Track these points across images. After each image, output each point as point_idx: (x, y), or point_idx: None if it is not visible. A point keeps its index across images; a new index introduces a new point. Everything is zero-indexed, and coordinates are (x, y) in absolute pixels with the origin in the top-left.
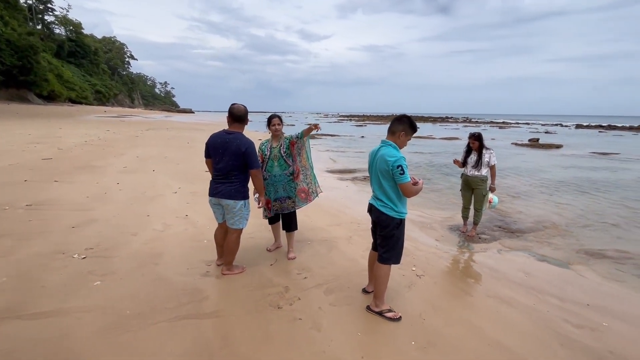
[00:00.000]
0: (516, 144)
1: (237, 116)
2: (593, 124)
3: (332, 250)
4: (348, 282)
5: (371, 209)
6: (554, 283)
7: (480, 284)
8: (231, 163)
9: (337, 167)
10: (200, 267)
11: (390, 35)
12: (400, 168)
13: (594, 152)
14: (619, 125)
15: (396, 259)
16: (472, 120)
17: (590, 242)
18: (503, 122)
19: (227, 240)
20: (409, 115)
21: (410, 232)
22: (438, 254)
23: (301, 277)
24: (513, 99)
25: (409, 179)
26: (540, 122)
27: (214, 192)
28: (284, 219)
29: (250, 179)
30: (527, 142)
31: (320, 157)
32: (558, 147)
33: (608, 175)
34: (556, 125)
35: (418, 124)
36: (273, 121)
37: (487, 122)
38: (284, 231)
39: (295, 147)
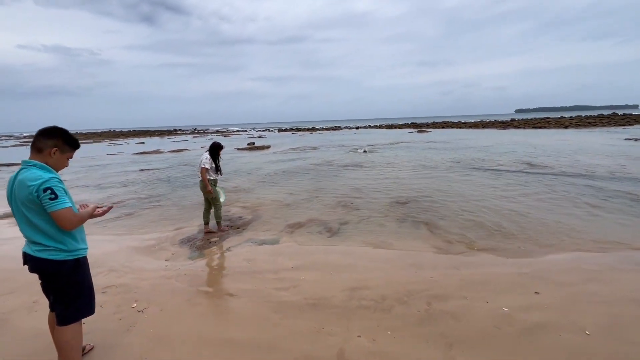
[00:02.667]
0: (238, 149)
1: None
2: (288, 128)
3: (3, 328)
4: None
5: (27, 259)
6: (269, 260)
7: (212, 288)
8: None
9: None
10: None
11: (87, 38)
12: (49, 191)
13: (291, 148)
14: (303, 127)
15: (85, 311)
16: (200, 131)
17: (292, 217)
18: (227, 131)
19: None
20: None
21: (131, 262)
22: (167, 275)
23: None
24: (232, 110)
25: (67, 204)
26: (255, 129)
27: None
28: None
29: None
30: (246, 146)
31: None
32: (268, 147)
33: (300, 163)
34: (265, 130)
35: (144, 139)
36: None
37: (214, 132)
38: None
39: None
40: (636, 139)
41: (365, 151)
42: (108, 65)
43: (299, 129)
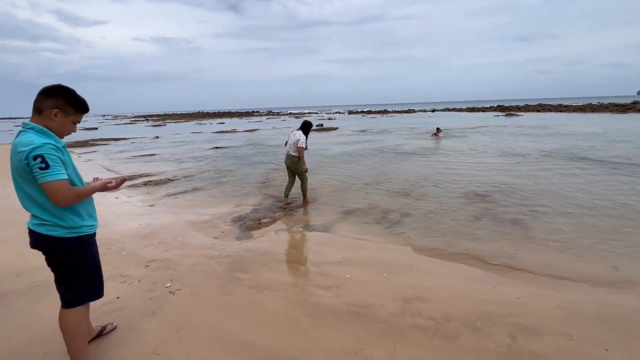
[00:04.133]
0: None
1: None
2: (358, 110)
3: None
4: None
5: (29, 234)
6: (315, 251)
7: (247, 274)
8: None
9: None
10: None
11: (183, 28)
12: (39, 159)
13: (359, 130)
14: (374, 110)
15: (89, 295)
16: (274, 112)
17: (350, 202)
18: (299, 113)
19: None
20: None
21: (183, 236)
22: (210, 254)
23: None
24: (306, 93)
25: (61, 175)
26: (325, 112)
27: None
28: None
29: None
30: (315, 128)
31: (91, 169)
32: (335, 129)
33: (366, 146)
34: (335, 112)
35: (225, 120)
36: None
37: (287, 114)
38: None
39: None
40: None
41: (437, 135)
42: (199, 53)
43: (370, 112)
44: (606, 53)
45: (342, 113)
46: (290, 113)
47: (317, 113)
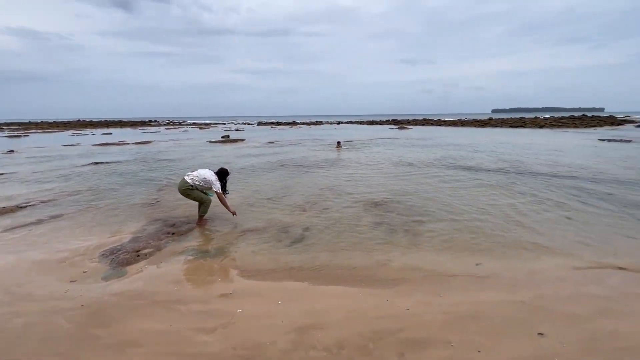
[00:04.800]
0: (210, 142)
1: None
2: (268, 122)
3: None
4: None
5: None
6: (203, 282)
7: (107, 328)
8: None
9: None
10: None
11: (57, 21)
12: None
13: (267, 142)
14: (283, 121)
15: None
16: (175, 122)
17: (250, 220)
18: (203, 123)
19: None
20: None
21: (20, 285)
22: (58, 307)
23: None
24: (211, 103)
25: None
26: (234, 122)
27: None
28: None
29: None
30: (220, 139)
31: None
32: (242, 140)
33: (272, 158)
34: (244, 123)
35: (114, 130)
36: None
37: (190, 125)
38: None
39: None
40: (610, 140)
41: (341, 146)
42: (80, 51)
43: (279, 123)
44: (470, 78)
45: (252, 124)
46: (195, 123)
47: (223, 124)
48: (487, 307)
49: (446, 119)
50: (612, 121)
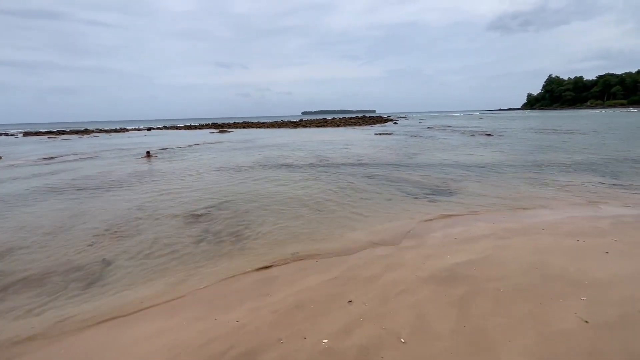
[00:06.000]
0: None
1: None
2: (43, 131)
3: None
4: None
5: None
6: None
7: None
8: None
9: None
10: None
11: None
12: None
13: (43, 158)
14: (67, 130)
15: None
16: None
17: (23, 266)
18: None
19: None
20: None
21: None
22: None
23: None
24: None
25: None
26: None
27: None
28: None
29: None
30: None
31: None
32: None
33: (51, 180)
34: (1, 135)
35: None
36: None
37: None
38: None
39: None
40: (381, 134)
41: (153, 156)
42: None
43: (62, 132)
44: (281, 84)
45: (15, 135)
46: None
47: None
48: (310, 292)
49: (265, 122)
50: (381, 120)
